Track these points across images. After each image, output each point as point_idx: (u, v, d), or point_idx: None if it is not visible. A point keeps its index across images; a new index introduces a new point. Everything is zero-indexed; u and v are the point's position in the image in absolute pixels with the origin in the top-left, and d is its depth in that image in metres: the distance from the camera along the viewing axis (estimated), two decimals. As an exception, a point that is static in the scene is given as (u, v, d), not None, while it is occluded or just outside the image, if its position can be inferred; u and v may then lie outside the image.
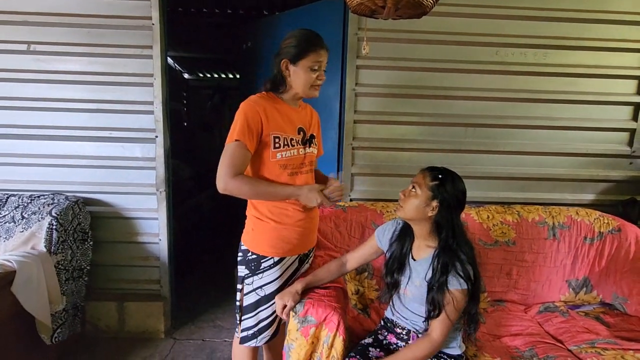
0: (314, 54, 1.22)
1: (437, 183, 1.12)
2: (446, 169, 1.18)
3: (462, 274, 1.08)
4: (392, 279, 1.25)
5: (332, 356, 1.17)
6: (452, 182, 1.14)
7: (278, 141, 1.23)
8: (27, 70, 1.94)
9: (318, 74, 1.24)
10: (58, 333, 1.75)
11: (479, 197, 2.07)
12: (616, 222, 1.82)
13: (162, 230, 2.07)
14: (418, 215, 1.15)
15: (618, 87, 2.04)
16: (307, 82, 1.24)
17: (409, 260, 1.23)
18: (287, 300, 1.21)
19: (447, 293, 1.08)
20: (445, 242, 1.13)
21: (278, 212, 1.27)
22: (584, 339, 1.48)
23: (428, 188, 1.13)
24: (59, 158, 2.01)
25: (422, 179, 1.15)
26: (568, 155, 2.09)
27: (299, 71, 1.23)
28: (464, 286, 1.08)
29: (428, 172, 1.16)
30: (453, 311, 1.09)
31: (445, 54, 1.98)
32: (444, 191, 1.12)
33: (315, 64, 1.22)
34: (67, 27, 1.92)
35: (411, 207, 1.15)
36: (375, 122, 2.04)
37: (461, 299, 1.09)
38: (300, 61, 1.22)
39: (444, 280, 1.09)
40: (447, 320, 1.09)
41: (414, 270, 1.20)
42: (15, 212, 1.81)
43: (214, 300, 2.47)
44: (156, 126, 1.99)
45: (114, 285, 2.12)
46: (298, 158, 1.29)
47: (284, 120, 1.26)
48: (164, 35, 1.96)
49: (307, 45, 1.21)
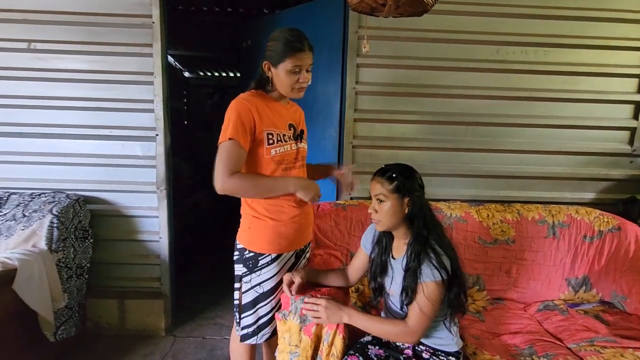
0: (293, 57, 1.19)
1: (396, 182, 1.13)
2: (390, 165, 1.19)
3: (436, 264, 1.08)
4: (376, 284, 1.26)
5: (332, 354, 1.17)
6: (405, 173, 1.15)
7: (272, 137, 1.24)
8: (28, 69, 1.94)
9: (299, 77, 1.23)
10: (62, 330, 1.76)
11: (479, 196, 2.08)
12: (616, 221, 1.82)
13: (163, 228, 2.07)
14: (397, 219, 1.16)
15: (618, 85, 2.04)
16: (288, 84, 1.23)
17: (389, 260, 1.24)
18: (295, 276, 1.25)
19: (418, 283, 1.08)
20: (417, 230, 1.14)
21: (274, 210, 1.27)
22: (583, 337, 1.49)
23: (391, 192, 1.13)
24: (60, 156, 2.01)
25: (380, 188, 1.15)
26: (568, 154, 2.09)
27: (279, 74, 1.22)
28: (438, 277, 1.07)
29: (380, 178, 1.16)
30: (425, 302, 1.07)
31: (445, 52, 1.98)
32: (407, 185, 1.13)
33: (296, 67, 1.21)
34: (68, 25, 1.92)
35: (387, 216, 1.15)
36: (375, 120, 2.04)
37: (434, 289, 1.07)
38: (280, 64, 1.21)
39: (416, 267, 1.09)
40: (419, 310, 1.08)
41: (395, 268, 1.21)
42: (17, 210, 1.82)
43: (214, 298, 2.48)
44: (157, 124, 1.99)
45: (115, 283, 2.12)
46: (292, 153, 1.30)
47: (276, 116, 1.27)
48: (164, 33, 1.96)
49: (287, 49, 1.19)
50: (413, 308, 1.10)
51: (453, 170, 2.08)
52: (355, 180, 1.45)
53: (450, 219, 1.80)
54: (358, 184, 1.49)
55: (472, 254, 1.77)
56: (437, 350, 1.19)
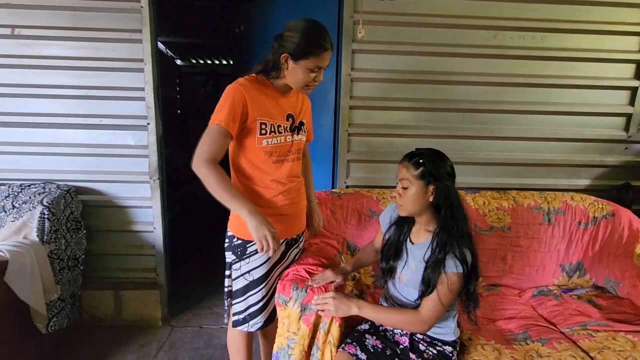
0: (318, 57, 1.15)
1: (423, 168, 1.10)
2: (420, 150, 1.15)
3: (459, 257, 1.07)
4: (388, 265, 1.25)
5: (329, 342, 1.17)
6: (434, 160, 1.12)
7: (265, 127, 1.21)
8: (12, 56, 1.88)
9: (316, 75, 1.19)
10: (54, 322, 1.74)
11: (475, 183, 2.07)
12: (610, 207, 1.83)
13: (157, 219, 2.05)
14: (421, 206, 1.13)
15: (615, 71, 2.02)
16: (303, 81, 1.19)
17: (406, 244, 1.23)
18: (338, 276, 1.26)
19: (442, 273, 1.08)
20: (444, 221, 1.12)
21: (260, 199, 1.25)
22: (576, 322, 1.51)
23: (417, 177, 1.11)
24: (49, 146, 1.96)
25: (406, 172, 1.12)
26: (563, 141, 2.08)
27: (297, 69, 1.17)
28: (460, 269, 1.07)
29: (407, 162, 1.13)
30: (446, 293, 1.07)
31: (442, 37, 1.95)
32: (433, 172, 1.10)
33: (316, 67, 1.17)
34: (53, 10, 1.85)
35: (410, 202, 1.13)
36: (371, 107, 2.01)
37: (455, 281, 1.08)
38: (301, 61, 1.15)
39: (441, 259, 1.08)
40: (438, 300, 1.08)
41: (410, 253, 1.20)
42: (6, 202, 1.78)
43: (210, 288, 2.47)
44: (148, 113, 1.94)
45: (110, 274, 2.11)
46: (285, 145, 1.27)
47: (272, 105, 1.23)
48: (153, 19, 1.90)
49: (312, 47, 1.14)
50: (431, 298, 1.09)
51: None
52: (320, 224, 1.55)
53: (447, 206, 1.80)
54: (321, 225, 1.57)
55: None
56: (435, 339, 1.19)
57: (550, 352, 1.29)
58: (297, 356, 1.20)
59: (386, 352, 1.16)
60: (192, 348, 1.92)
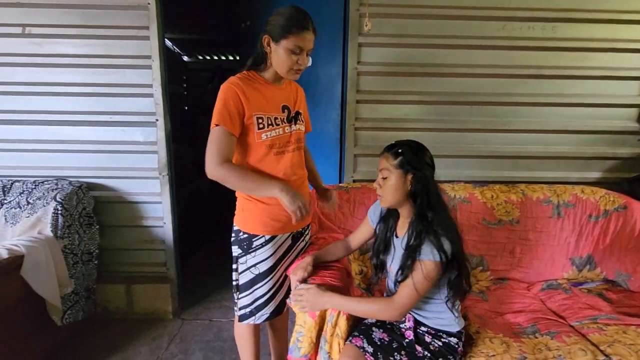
0: (297, 36, 1.15)
1: (401, 158, 1.11)
2: (400, 141, 1.16)
3: (437, 245, 1.07)
4: (378, 260, 1.27)
5: (337, 334, 1.18)
6: (413, 150, 1.13)
7: (262, 121, 1.21)
8: (23, 54, 1.91)
9: (299, 58, 1.19)
10: (68, 314, 1.79)
11: (483, 177, 2.06)
12: (622, 200, 1.80)
13: (166, 214, 2.08)
14: (400, 196, 1.14)
15: (628, 61, 1.98)
16: (286, 64, 1.19)
17: (393, 238, 1.24)
18: (299, 274, 1.25)
19: (417, 261, 1.08)
20: (420, 209, 1.12)
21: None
22: (586, 315, 1.49)
23: (395, 167, 1.12)
24: (60, 143, 2.00)
25: (386, 162, 1.14)
26: (574, 133, 2.05)
27: (279, 51, 1.18)
28: (437, 258, 1.06)
29: (387, 153, 1.14)
30: (421, 280, 1.06)
31: (449, 29, 1.92)
32: (412, 161, 1.11)
33: (297, 47, 1.17)
34: (62, 9, 1.88)
35: (390, 192, 1.14)
36: (378, 101, 2.00)
37: (432, 269, 1.06)
38: (282, 41, 1.17)
39: (416, 246, 1.08)
40: (413, 287, 1.07)
41: (397, 247, 1.21)
42: (21, 198, 1.82)
43: (220, 281, 2.51)
44: (156, 109, 1.97)
45: (122, 268, 2.15)
46: (284, 137, 1.27)
47: (266, 99, 1.24)
48: (160, 15, 1.91)
49: (291, 26, 1.15)
50: (406, 284, 1.09)
51: (457, 151, 2.05)
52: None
53: (454, 200, 1.79)
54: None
55: (476, 234, 1.77)
56: (440, 331, 1.20)
57: (559, 346, 1.28)
58: (306, 349, 1.21)
59: (392, 344, 1.17)
60: (202, 340, 1.95)
